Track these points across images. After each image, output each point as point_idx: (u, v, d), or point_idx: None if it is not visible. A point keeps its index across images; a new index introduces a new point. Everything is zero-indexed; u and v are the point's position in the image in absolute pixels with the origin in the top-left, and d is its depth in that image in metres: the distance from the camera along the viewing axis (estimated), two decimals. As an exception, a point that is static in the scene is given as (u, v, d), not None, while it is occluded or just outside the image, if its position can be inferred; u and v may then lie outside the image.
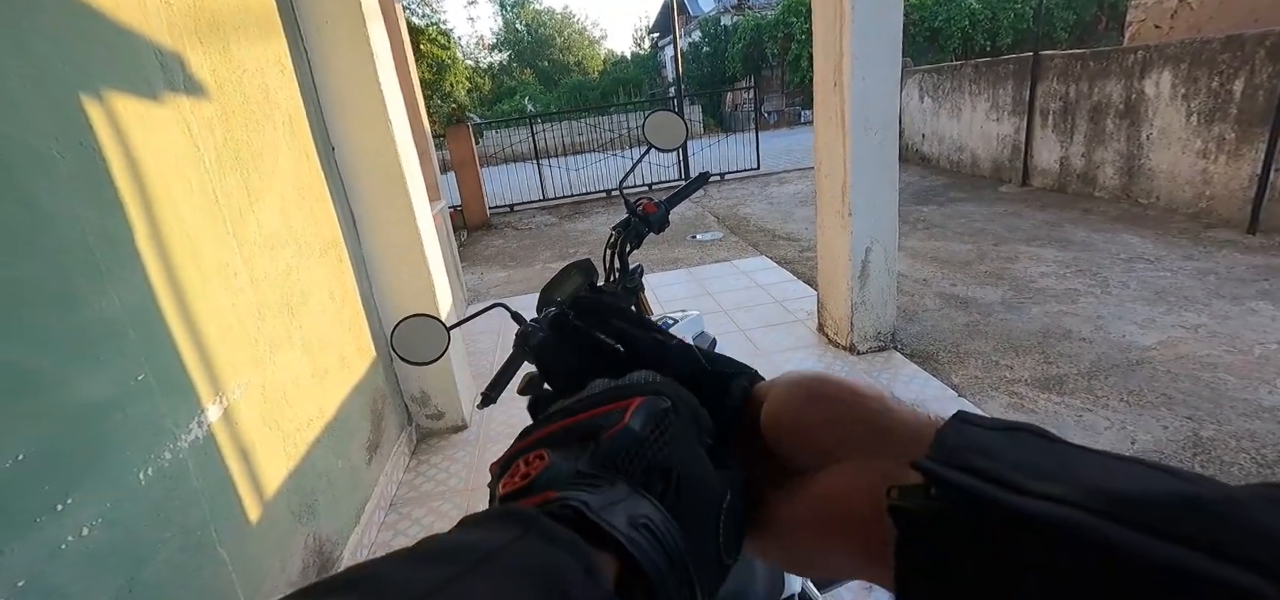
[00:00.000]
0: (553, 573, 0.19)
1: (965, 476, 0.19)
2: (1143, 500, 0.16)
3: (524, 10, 29.10)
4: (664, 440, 0.26)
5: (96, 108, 1.12)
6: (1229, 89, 4.09)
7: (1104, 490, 0.17)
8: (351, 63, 2.10)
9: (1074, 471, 0.18)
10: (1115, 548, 0.15)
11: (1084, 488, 0.17)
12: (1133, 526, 0.16)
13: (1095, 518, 0.16)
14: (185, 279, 1.28)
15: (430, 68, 9.91)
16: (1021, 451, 0.20)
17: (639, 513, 0.23)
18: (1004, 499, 0.18)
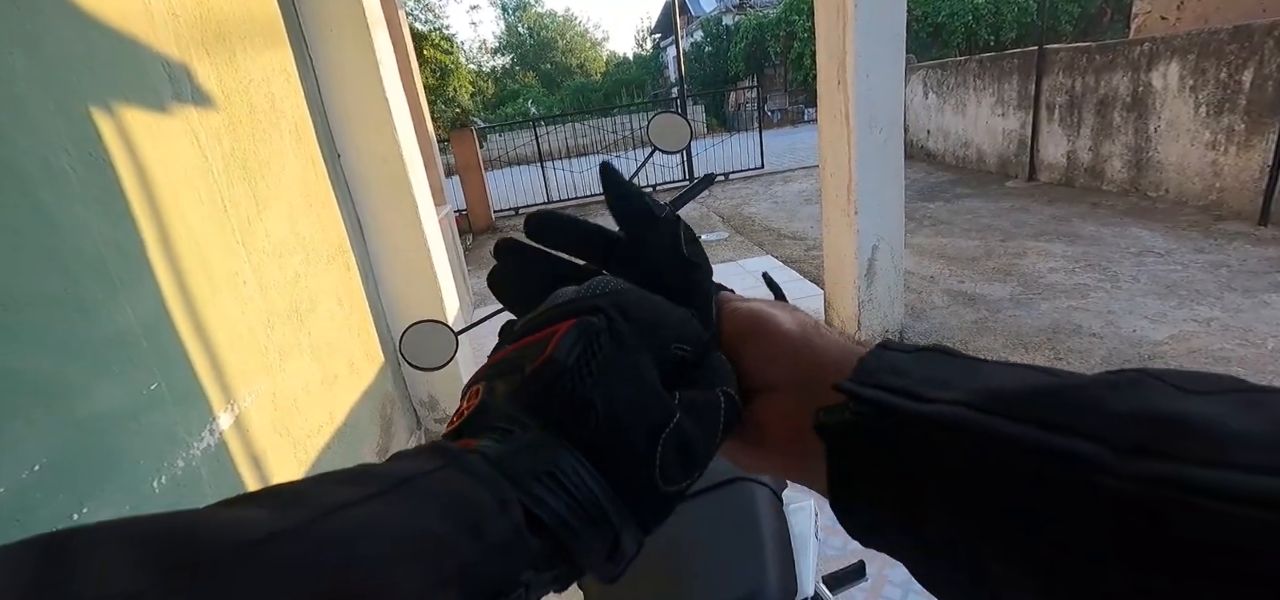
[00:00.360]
0: (467, 502, 0.20)
1: (877, 392, 0.22)
2: (1012, 394, 0.19)
3: (526, 14, 29.18)
4: (591, 369, 0.25)
5: (107, 120, 1.13)
6: (1238, 80, 4.05)
7: (985, 390, 0.20)
8: (356, 70, 2.11)
9: (967, 379, 0.21)
10: (986, 432, 0.19)
11: (970, 390, 0.20)
12: (1001, 415, 0.19)
13: (974, 411, 0.19)
14: (195, 288, 1.29)
15: (434, 73, 9.95)
16: (928, 368, 0.22)
17: (543, 464, 0.23)
18: (906, 406, 0.21)
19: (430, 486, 0.20)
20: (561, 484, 0.23)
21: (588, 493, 0.23)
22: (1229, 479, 0.14)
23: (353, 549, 0.17)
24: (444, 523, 0.19)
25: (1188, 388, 0.17)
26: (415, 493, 0.20)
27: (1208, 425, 0.16)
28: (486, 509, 0.20)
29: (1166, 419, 0.16)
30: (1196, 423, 0.16)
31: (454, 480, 0.21)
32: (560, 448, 0.24)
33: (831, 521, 1.45)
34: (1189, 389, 0.17)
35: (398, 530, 0.18)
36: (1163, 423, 0.16)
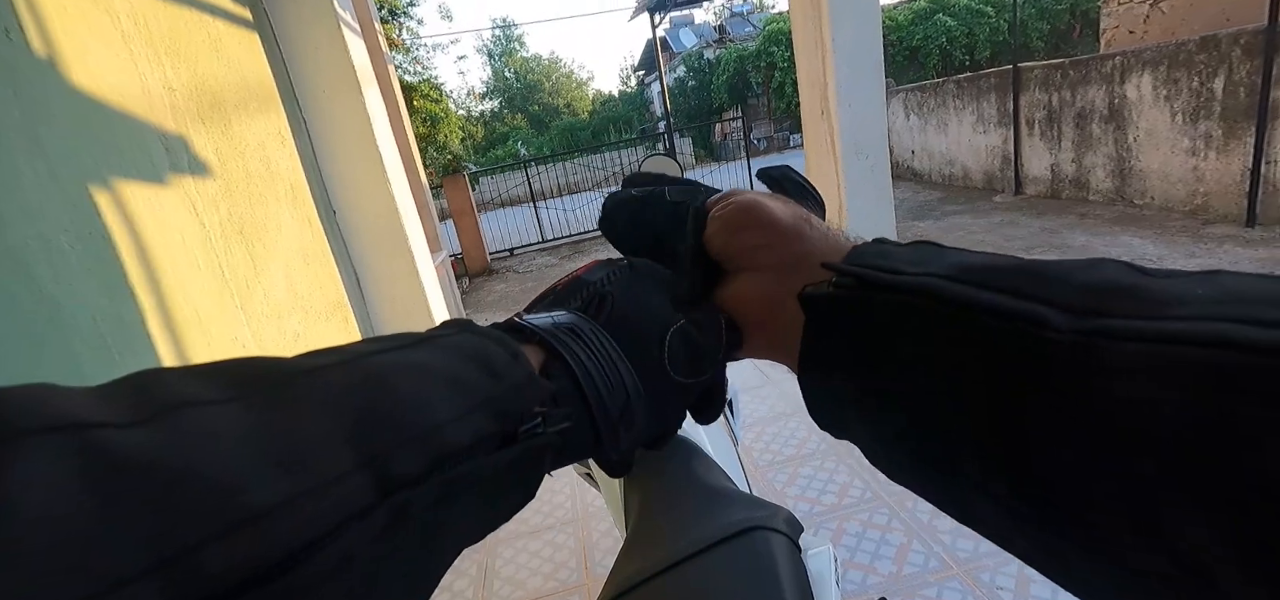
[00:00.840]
0: (484, 351, 0.23)
1: (860, 267, 0.24)
2: (983, 268, 0.21)
3: (512, 58, 29.81)
4: (606, 279, 0.31)
5: (105, 195, 1.14)
6: (1210, 87, 4.16)
7: (963, 265, 0.22)
8: (349, 128, 2.14)
9: (944, 260, 0.23)
10: (957, 298, 0.20)
11: (947, 266, 0.22)
12: (974, 285, 0.20)
13: (949, 282, 0.21)
14: (194, 356, 1.28)
15: (424, 122, 10.10)
16: (914, 253, 0.24)
17: (567, 322, 0.27)
18: (885, 278, 0.23)
19: (449, 342, 0.23)
20: (581, 337, 0.27)
21: (603, 349, 0.27)
22: (1154, 326, 0.15)
23: (393, 378, 0.19)
24: (466, 365, 0.22)
25: (1154, 272, 0.18)
26: (437, 346, 0.23)
27: (1155, 291, 0.17)
28: (500, 357, 0.23)
29: (1121, 288, 0.17)
30: (1147, 290, 0.17)
31: (468, 339, 0.24)
32: (580, 318, 0.28)
33: (848, 553, 1.43)
34: (1155, 273, 0.18)
35: (429, 367, 0.21)
36: (1117, 291, 0.17)
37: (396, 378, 0.19)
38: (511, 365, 0.23)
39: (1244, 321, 0.14)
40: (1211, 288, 0.16)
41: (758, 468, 2.25)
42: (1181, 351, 0.14)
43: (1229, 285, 0.16)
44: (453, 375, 0.21)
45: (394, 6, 9.85)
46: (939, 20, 15.66)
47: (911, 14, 16.20)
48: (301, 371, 0.18)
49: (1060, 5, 15.94)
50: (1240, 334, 0.14)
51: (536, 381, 0.24)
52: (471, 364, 0.22)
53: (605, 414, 0.26)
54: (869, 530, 1.84)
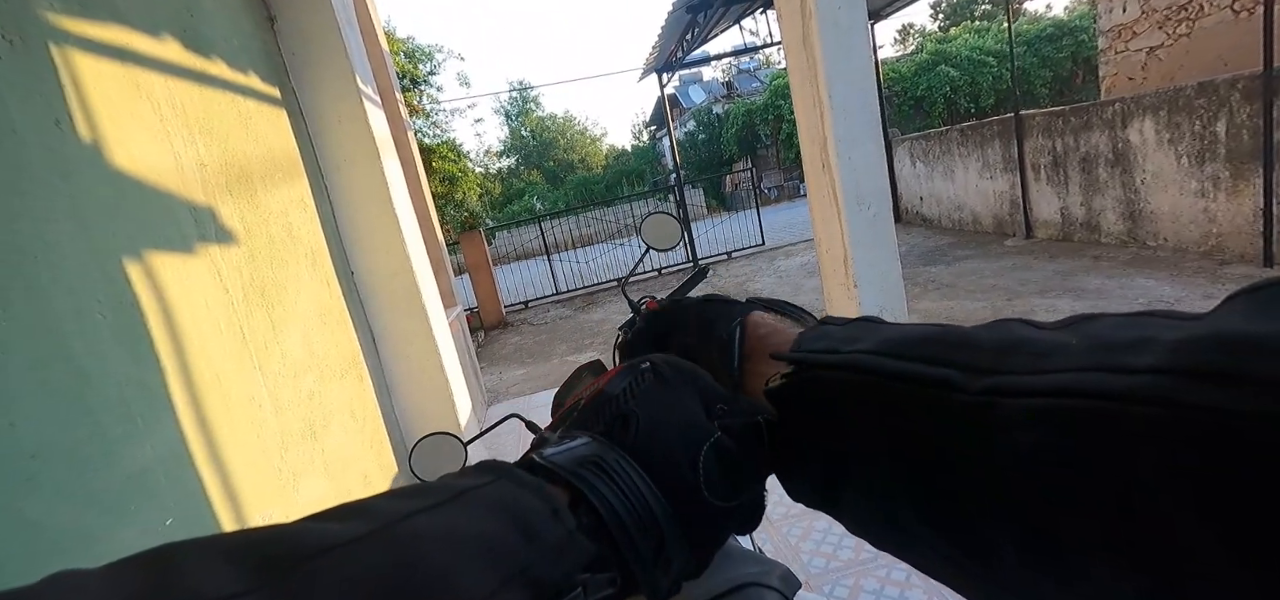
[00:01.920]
0: (521, 508, 0.22)
1: (801, 353, 0.27)
2: (905, 341, 0.23)
3: (528, 118, 30.88)
4: (632, 394, 0.29)
5: (136, 267, 1.22)
6: (1213, 131, 4.19)
7: (885, 340, 0.24)
8: (367, 194, 2.25)
9: (876, 336, 0.25)
10: (878, 369, 0.23)
11: (875, 341, 0.24)
12: (891, 357, 0.23)
13: (872, 356, 0.23)
14: (213, 417, 1.33)
15: (443, 181, 10.44)
16: (849, 332, 0.27)
17: (589, 454, 0.26)
18: (822, 358, 0.26)
19: (485, 496, 0.22)
20: (606, 471, 0.25)
21: (630, 482, 0.25)
22: (1032, 381, 0.18)
23: (421, 549, 0.19)
24: (502, 527, 0.20)
25: (1042, 324, 0.21)
26: (472, 502, 0.21)
27: (1040, 345, 0.19)
28: (538, 513, 0.22)
29: (1015, 344, 0.20)
30: (1034, 345, 0.19)
31: (506, 490, 0.23)
32: (606, 448, 0.26)
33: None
34: (1043, 324, 0.20)
35: (461, 533, 0.20)
36: (1012, 347, 0.20)
37: (424, 551, 0.18)
38: (550, 524, 0.22)
39: (1103, 369, 0.16)
40: (1084, 336, 0.19)
41: (771, 522, 2.21)
42: (1052, 403, 0.17)
43: (1097, 332, 0.18)
44: (486, 541, 0.20)
45: (415, 76, 10.35)
46: (942, 70, 15.99)
47: (914, 65, 16.58)
48: (321, 550, 0.17)
49: (1061, 53, 16.22)
50: (1094, 383, 0.16)
51: (577, 541, 0.22)
52: (507, 524, 0.21)
53: (638, 557, 0.24)
54: (887, 587, 1.79)
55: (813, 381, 0.26)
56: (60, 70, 1.12)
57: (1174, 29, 5.98)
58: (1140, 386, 0.15)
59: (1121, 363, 0.16)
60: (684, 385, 0.30)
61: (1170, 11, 5.97)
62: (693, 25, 7.63)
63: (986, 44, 16.35)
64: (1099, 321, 0.19)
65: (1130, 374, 0.15)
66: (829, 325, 0.29)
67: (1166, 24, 6.03)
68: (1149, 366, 0.15)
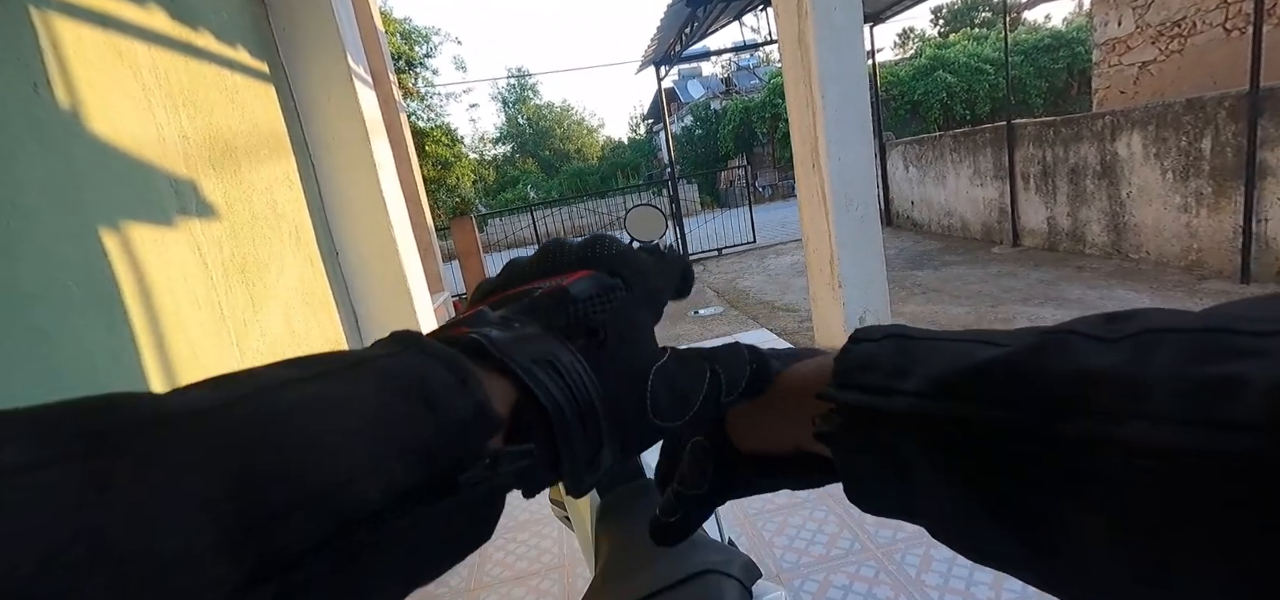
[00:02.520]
0: (419, 379, 0.19)
1: (854, 393, 0.25)
2: (951, 377, 0.22)
3: (525, 106, 30.71)
4: (598, 306, 0.26)
5: (113, 237, 1.21)
6: (1198, 147, 4.24)
7: (935, 376, 0.23)
8: (356, 176, 2.24)
9: (922, 366, 0.23)
10: (938, 415, 0.22)
11: (925, 378, 0.23)
12: (942, 398, 0.22)
13: (923, 400, 0.22)
14: (188, 391, 1.32)
15: (435, 166, 10.37)
16: (892, 358, 0.25)
17: (545, 353, 0.23)
18: (878, 403, 0.24)
19: (384, 366, 0.20)
20: (559, 372, 0.23)
21: (582, 386, 0.23)
22: (1124, 433, 0.17)
23: (290, 422, 0.16)
24: (394, 399, 0.18)
25: (1102, 335, 0.19)
26: (367, 373, 0.19)
27: (1113, 379, 0.18)
28: (443, 383, 0.20)
29: (1083, 377, 0.18)
30: (1105, 379, 0.18)
31: (410, 361, 0.20)
32: (563, 349, 0.24)
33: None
34: (1103, 336, 0.19)
35: (346, 404, 0.18)
36: (1080, 381, 0.18)
37: (298, 420, 0.16)
38: (456, 394, 0.20)
39: (1203, 423, 0.15)
40: (1160, 369, 0.17)
41: (747, 515, 2.23)
42: (1153, 467, 0.16)
43: (1172, 363, 0.17)
44: (376, 412, 0.18)
45: (411, 58, 10.26)
46: (939, 76, 16.06)
47: (913, 70, 16.65)
48: (176, 415, 0.15)
49: (1058, 64, 16.34)
50: (1200, 443, 0.15)
51: (488, 414, 0.20)
52: (405, 395, 0.19)
53: (572, 456, 0.23)
54: (856, 583, 1.82)
55: (868, 425, 0.24)
56: (39, 33, 1.10)
57: (1167, 45, 6.04)
58: (1243, 448, 0.14)
59: (1219, 415, 0.15)
60: (645, 303, 0.29)
61: (1164, 27, 6.04)
62: (692, 19, 7.61)
63: (985, 51, 16.43)
64: (1167, 341, 0.18)
65: (1229, 429, 0.15)
66: (860, 344, 0.27)
67: (1160, 40, 6.10)
68: (1248, 421, 0.15)
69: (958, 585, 1.75)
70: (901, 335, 0.26)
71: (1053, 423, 0.18)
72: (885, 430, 0.23)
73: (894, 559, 1.87)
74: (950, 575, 1.78)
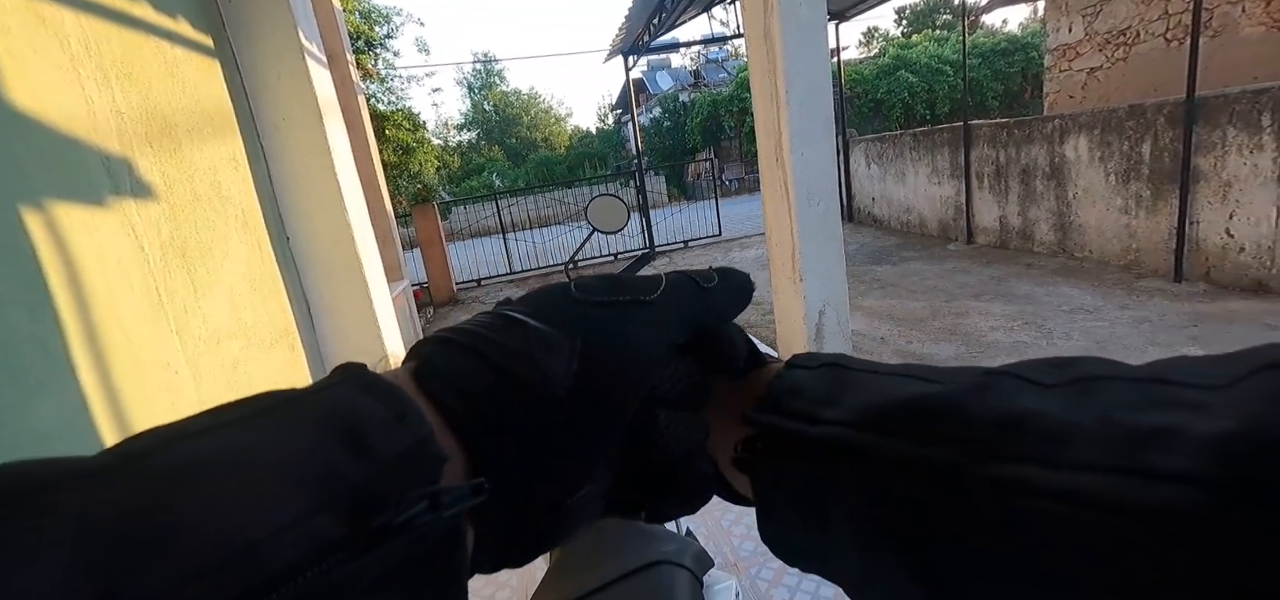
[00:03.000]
0: (352, 415, 0.18)
1: (775, 417, 0.23)
2: (888, 411, 0.21)
3: (491, 92, 30.12)
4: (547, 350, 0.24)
5: (36, 215, 1.13)
6: (1139, 152, 4.47)
7: (864, 407, 0.21)
8: (308, 158, 2.15)
9: (852, 395, 0.22)
10: (861, 447, 0.20)
11: (854, 408, 0.21)
12: (875, 432, 0.20)
13: (852, 430, 0.21)
14: (122, 382, 1.25)
15: (396, 151, 10.08)
16: (823, 386, 0.23)
17: (484, 340, 0.22)
18: (798, 429, 0.22)
19: (310, 405, 0.18)
20: (489, 362, 0.22)
21: (521, 359, 0.22)
22: (1044, 479, 0.16)
23: (190, 481, 0.14)
24: (321, 440, 0.17)
25: (1038, 380, 0.19)
26: (289, 415, 0.17)
27: (1043, 422, 0.17)
28: (376, 421, 0.18)
29: (1013, 419, 0.17)
30: (1034, 420, 0.17)
31: (344, 396, 0.18)
32: (512, 322, 0.23)
33: (789, 592, 1.46)
34: (1039, 381, 0.18)
35: (257, 453, 0.16)
36: (1010, 424, 0.17)
37: (200, 477, 0.15)
38: (391, 432, 0.18)
39: (1129, 472, 0.15)
40: (1096, 414, 0.16)
41: (706, 506, 2.26)
42: (1072, 514, 0.15)
43: (1110, 409, 0.16)
44: (295, 458, 0.16)
45: (370, 38, 9.92)
46: (902, 76, 16.47)
47: (876, 69, 17.01)
48: (39, 488, 0.13)
49: (1013, 68, 16.95)
50: (1122, 493, 0.14)
51: (429, 449, 0.18)
52: (331, 436, 0.17)
53: (525, 484, 0.21)
54: (807, 576, 1.86)
55: (788, 452, 0.23)
56: (-53, -5, 1.02)
57: (1113, 52, 6.34)
58: (1174, 499, 0.14)
59: (1149, 465, 0.14)
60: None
61: (1110, 35, 6.33)
62: (661, 9, 7.58)
63: (945, 53, 16.91)
64: (1106, 389, 0.17)
65: (1161, 480, 0.14)
66: (796, 369, 0.25)
67: (1106, 47, 6.39)
68: (1181, 472, 0.14)
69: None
70: (839, 365, 0.24)
71: (978, 464, 0.17)
72: (803, 462, 0.22)
73: (849, 546, 1.92)
74: (901, 560, 1.84)
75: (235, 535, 0.14)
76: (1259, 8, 5.10)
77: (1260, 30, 5.13)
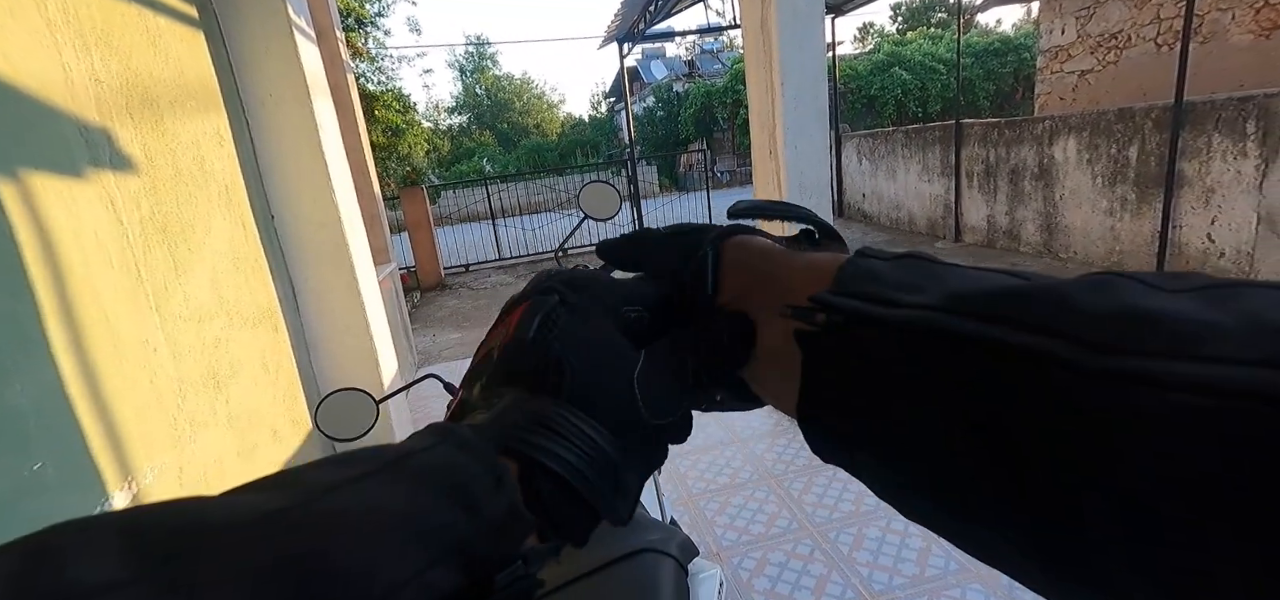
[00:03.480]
0: (461, 477, 0.20)
1: (850, 300, 0.22)
2: (983, 296, 0.19)
3: (484, 75, 29.77)
4: (552, 335, 0.27)
5: (10, 186, 1.09)
6: (1126, 155, 4.52)
7: (953, 292, 0.20)
8: (295, 136, 2.11)
9: (939, 284, 0.21)
10: (958, 333, 0.19)
11: (940, 294, 0.20)
12: (972, 317, 0.19)
13: (942, 313, 0.19)
14: (99, 359, 1.22)
15: (385, 132, 9.95)
16: (903, 274, 0.22)
17: (533, 415, 0.24)
18: (877, 312, 0.21)
19: (422, 463, 0.20)
20: (556, 431, 0.23)
21: (583, 435, 0.24)
22: (1187, 371, 0.14)
23: (339, 529, 0.17)
24: (438, 500, 0.19)
25: (1159, 285, 0.17)
26: (406, 471, 0.19)
27: (1175, 320, 0.15)
28: (480, 482, 0.20)
29: (1135, 315, 0.16)
30: (1165, 317, 0.15)
31: (449, 456, 0.21)
32: (546, 401, 0.25)
33: (770, 582, 1.47)
34: (1160, 286, 0.17)
35: (389, 509, 0.18)
36: (1131, 319, 0.16)
37: (341, 532, 0.17)
38: (494, 495, 0.20)
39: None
40: (1241, 316, 0.15)
41: (691, 495, 2.27)
42: (1226, 405, 0.13)
43: (1256, 310, 0.15)
44: (418, 517, 0.18)
45: (361, 16, 9.74)
46: (896, 73, 16.51)
47: (871, 65, 17.04)
48: (218, 530, 0.15)
49: (1005, 68, 17.05)
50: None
51: (521, 515, 0.21)
52: (444, 496, 0.19)
53: (601, 497, 0.24)
54: (792, 560, 1.88)
55: (859, 337, 0.21)
56: (-85, -48, 0.98)
57: (1104, 56, 6.39)
58: None
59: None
60: (594, 307, 0.29)
61: (1103, 38, 6.37)
62: (656, -3, 7.51)
63: (939, 51, 16.97)
64: (1242, 294, 0.15)
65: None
66: (871, 259, 0.24)
67: (1098, 50, 6.44)
68: None
69: (886, 562, 1.83)
70: (919, 256, 0.23)
71: (1096, 356, 0.15)
72: (878, 344, 0.20)
73: (829, 539, 1.94)
74: (879, 553, 1.86)
75: (374, 586, 0.16)
76: (1249, 16, 5.17)
77: (1249, 38, 5.20)
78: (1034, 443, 0.16)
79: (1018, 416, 0.17)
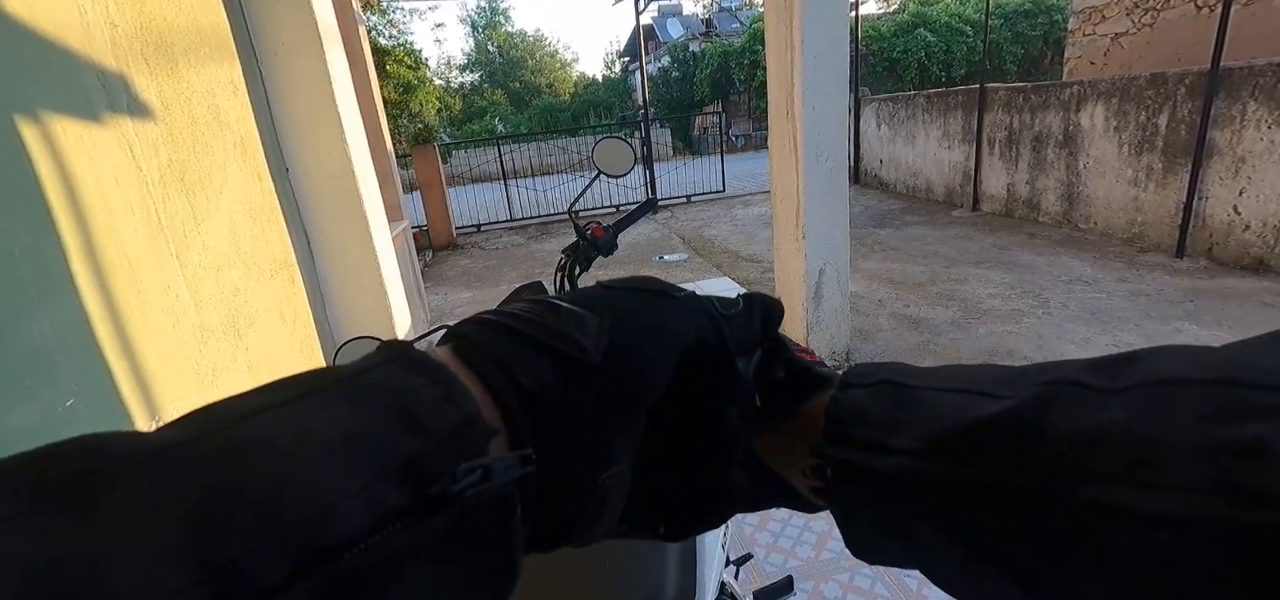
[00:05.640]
0: (406, 395, 0.19)
1: (845, 451, 0.24)
2: (954, 435, 0.21)
3: (495, 32, 29.24)
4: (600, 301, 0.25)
5: (32, 128, 1.11)
6: (1155, 123, 4.38)
7: (932, 434, 0.22)
8: (308, 87, 2.10)
9: (916, 418, 0.22)
10: (938, 478, 0.21)
11: (922, 436, 0.22)
12: (949, 461, 0.21)
13: (925, 461, 0.21)
14: (123, 302, 1.26)
15: (397, 88, 9.85)
16: (884, 408, 0.24)
17: (527, 317, 0.23)
18: (872, 463, 0.23)
19: (363, 384, 0.19)
20: (535, 343, 0.22)
21: (566, 338, 0.22)
22: (1142, 502, 0.16)
23: (260, 454, 0.15)
24: (377, 420, 0.17)
25: (1100, 386, 0.18)
26: (350, 391, 0.18)
27: (1125, 437, 0.17)
28: (427, 399, 0.19)
29: (1093, 437, 0.17)
30: (1115, 436, 0.17)
31: (396, 376, 0.19)
32: (548, 304, 0.24)
33: (773, 538, 1.50)
34: (1102, 387, 0.18)
35: (319, 432, 0.17)
36: (1092, 443, 0.17)
37: (267, 451, 0.16)
38: (440, 410, 0.18)
39: (1229, 491, 0.15)
40: (1169, 425, 0.16)
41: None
42: (1175, 540, 0.15)
43: (1184, 420, 0.16)
44: (354, 435, 0.17)
45: (372, -34, 9.56)
46: (920, 34, 15.99)
47: (894, 26, 16.50)
48: (122, 465, 0.14)
49: (1035, 31, 16.44)
50: (1226, 517, 0.15)
51: (478, 424, 0.19)
52: (386, 415, 0.18)
53: (577, 464, 0.22)
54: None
55: (860, 485, 0.24)
56: (-71, -113, 0.97)
57: (1140, 17, 6.13)
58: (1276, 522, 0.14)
59: (1248, 484, 0.15)
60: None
61: (1138, 0, 6.11)
62: (674, -49, 7.27)
63: (966, 12, 16.39)
64: (1176, 396, 0.17)
65: (1261, 503, 0.14)
66: (852, 390, 0.25)
67: (1134, 11, 6.18)
68: (1277, 494, 0.14)
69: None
70: (894, 382, 0.25)
71: (1060, 486, 0.17)
72: (880, 491, 0.23)
73: (836, 497, 1.97)
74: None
75: (310, 500, 0.15)
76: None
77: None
78: (1032, 559, 0.18)
79: (1014, 543, 0.19)
